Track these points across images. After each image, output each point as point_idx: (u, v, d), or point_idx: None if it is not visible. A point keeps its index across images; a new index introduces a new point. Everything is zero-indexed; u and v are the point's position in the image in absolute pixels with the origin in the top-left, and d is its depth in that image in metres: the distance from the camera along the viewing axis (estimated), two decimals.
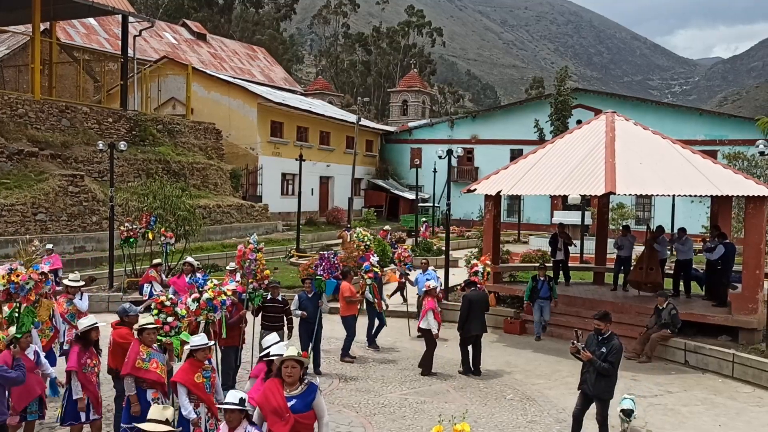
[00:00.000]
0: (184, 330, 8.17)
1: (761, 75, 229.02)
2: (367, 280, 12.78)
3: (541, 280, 14.10)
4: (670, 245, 16.61)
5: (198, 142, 31.48)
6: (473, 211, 40.40)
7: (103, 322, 7.93)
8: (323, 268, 11.46)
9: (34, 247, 11.73)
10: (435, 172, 38.11)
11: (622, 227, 17.89)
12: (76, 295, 10.17)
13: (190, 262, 13.53)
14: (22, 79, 29.86)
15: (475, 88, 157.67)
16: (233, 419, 5.23)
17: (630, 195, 17.90)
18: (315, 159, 39.29)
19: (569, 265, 17.68)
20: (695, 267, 16.06)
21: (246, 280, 10.48)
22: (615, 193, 13.11)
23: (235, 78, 41.00)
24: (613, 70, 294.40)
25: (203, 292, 9.10)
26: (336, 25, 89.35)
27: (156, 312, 7.84)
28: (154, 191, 19.31)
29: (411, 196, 42.62)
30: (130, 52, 29.97)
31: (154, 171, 26.09)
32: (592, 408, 8.09)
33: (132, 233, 16.89)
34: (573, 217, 26.39)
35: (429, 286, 11.77)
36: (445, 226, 22.27)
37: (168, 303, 7.97)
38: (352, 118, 42.83)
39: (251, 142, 35.55)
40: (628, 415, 8.68)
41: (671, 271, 15.86)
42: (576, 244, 20.18)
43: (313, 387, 5.80)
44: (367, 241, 15.07)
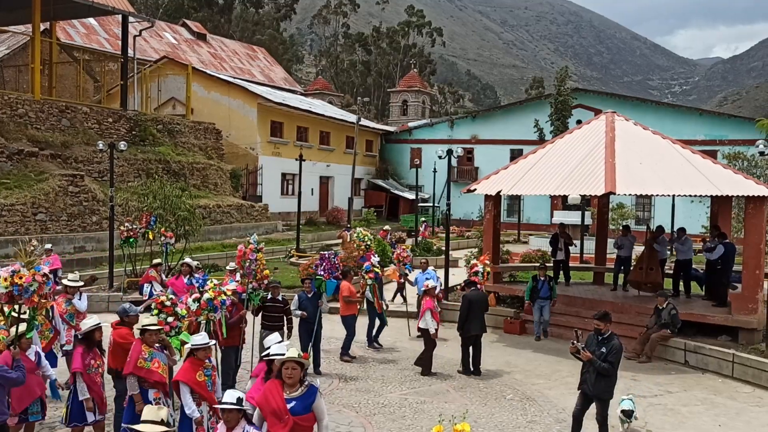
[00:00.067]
0: (185, 330, 8.18)
1: (761, 75, 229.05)
2: (368, 280, 12.79)
3: (542, 280, 14.09)
4: (669, 245, 16.62)
5: (198, 142, 31.49)
6: (473, 211, 40.40)
7: (104, 323, 7.93)
8: (324, 268, 11.45)
9: (32, 247, 11.72)
10: (435, 172, 38.10)
11: (622, 227, 17.89)
12: (75, 296, 10.16)
13: (188, 263, 13.38)
14: (22, 79, 29.86)
15: (475, 88, 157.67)
16: (231, 419, 5.20)
17: (630, 195, 17.90)
18: (315, 159, 39.29)
19: (569, 265, 17.68)
20: (695, 267, 16.06)
21: (246, 280, 10.48)
22: (615, 193, 13.11)
23: (235, 78, 41.00)
24: (613, 70, 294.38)
25: (204, 292, 9.10)
26: (336, 25, 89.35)
27: (156, 312, 7.85)
28: (154, 191, 19.33)
29: (411, 196, 42.62)
30: (130, 52, 29.97)
31: (154, 171, 26.09)
32: (592, 408, 8.10)
33: (132, 233, 16.90)
34: (573, 217, 26.36)
35: (427, 285, 11.77)
36: (445, 226, 22.26)
37: (168, 303, 7.97)
38: (352, 118, 42.83)
39: (251, 142, 35.55)
40: (628, 415, 8.69)
41: (671, 271, 15.86)
42: (576, 244, 20.17)
43: (313, 389, 5.77)
44: (368, 241, 15.06)
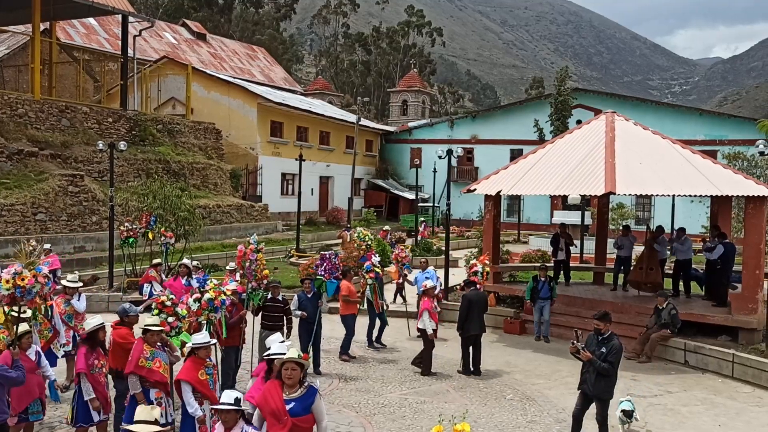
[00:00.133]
0: (185, 330, 8.18)
1: (761, 75, 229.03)
2: (368, 280, 12.78)
3: (542, 280, 14.08)
4: (669, 245, 16.63)
5: (198, 142, 31.48)
6: (473, 211, 40.39)
7: (104, 323, 7.92)
8: (324, 268, 11.44)
9: (31, 247, 11.68)
10: (435, 172, 38.08)
11: (622, 227, 17.89)
12: (74, 296, 10.15)
13: (185, 263, 13.29)
14: (22, 79, 29.86)
15: (475, 88, 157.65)
16: (229, 419, 5.19)
17: (630, 195, 17.90)
18: (315, 159, 39.29)
19: (570, 265, 17.68)
20: (695, 267, 16.06)
21: (246, 281, 10.47)
22: (615, 193, 13.11)
23: (235, 78, 41.00)
24: (613, 70, 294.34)
25: (204, 292, 9.10)
26: (336, 25, 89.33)
27: (157, 312, 7.85)
28: (154, 191, 19.32)
29: (411, 196, 42.62)
30: (130, 52, 29.97)
31: (154, 171, 26.10)
32: (592, 408, 8.10)
33: (132, 233, 16.90)
34: (573, 217, 26.37)
35: (426, 286, 11.77)
36: (445, 226, 22.26)
37: (169, 303, 7.97)
38: (352, 118, 42.82)
39: (251, 142, 35.54)
40: (628, 416, 8.69)
41: (671, 271, 15.86)
42: (576, 244, 20.18)
43: (312, 390, 5.74)
44: (369, 241, 15.06)
